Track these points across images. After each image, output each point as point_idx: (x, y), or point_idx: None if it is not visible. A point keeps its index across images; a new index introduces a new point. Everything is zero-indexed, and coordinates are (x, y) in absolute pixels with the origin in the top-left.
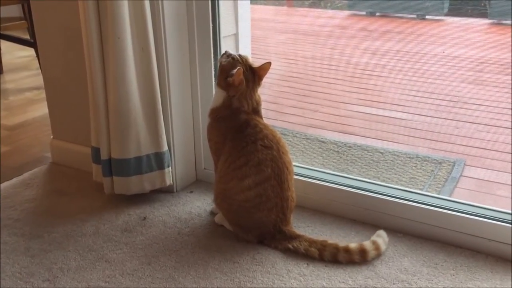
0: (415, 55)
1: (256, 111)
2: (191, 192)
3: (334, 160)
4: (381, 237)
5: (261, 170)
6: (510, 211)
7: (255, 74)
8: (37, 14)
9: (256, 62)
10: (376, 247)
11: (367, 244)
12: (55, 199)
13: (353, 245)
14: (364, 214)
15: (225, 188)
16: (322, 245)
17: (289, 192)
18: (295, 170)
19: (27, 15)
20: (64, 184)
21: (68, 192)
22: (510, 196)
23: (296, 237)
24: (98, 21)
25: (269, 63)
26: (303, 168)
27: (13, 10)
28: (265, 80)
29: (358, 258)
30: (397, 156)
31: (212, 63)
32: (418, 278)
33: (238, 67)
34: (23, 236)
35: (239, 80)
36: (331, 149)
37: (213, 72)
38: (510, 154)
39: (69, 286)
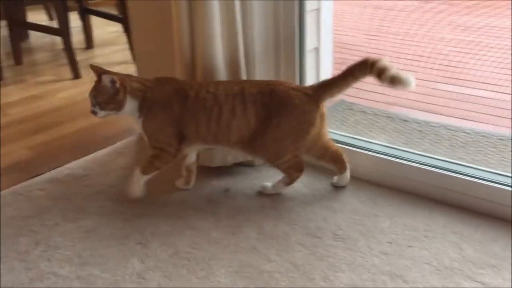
0: (506, 30)
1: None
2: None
3: (417, 140)
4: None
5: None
6: None
7: None
8: None
9: (336, 38)
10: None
11: None
12: None
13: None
14: (448, 196)
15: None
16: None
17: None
18: (377, 148)
19: None
20: None
21: None
22: None
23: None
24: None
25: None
26: (387, 147)
27: None
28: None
29: None
30: (486, 137)
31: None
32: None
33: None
34: (117, 201)
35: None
36: (414, 128)
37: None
38: None
39: (160, 250)
